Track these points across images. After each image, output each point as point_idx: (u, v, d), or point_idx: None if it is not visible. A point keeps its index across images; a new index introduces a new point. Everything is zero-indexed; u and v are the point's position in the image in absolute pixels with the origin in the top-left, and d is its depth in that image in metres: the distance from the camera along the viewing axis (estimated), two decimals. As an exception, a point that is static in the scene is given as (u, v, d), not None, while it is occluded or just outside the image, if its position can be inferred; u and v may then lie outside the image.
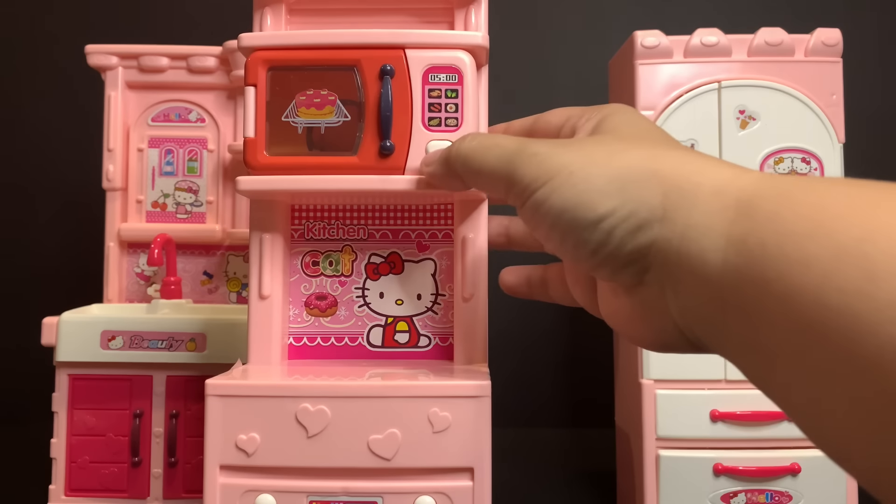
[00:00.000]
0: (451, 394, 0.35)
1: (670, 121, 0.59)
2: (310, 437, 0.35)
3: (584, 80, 0.81)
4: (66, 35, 0.83)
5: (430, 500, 0.35)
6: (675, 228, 0.27)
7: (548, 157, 0.30)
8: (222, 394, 0.35)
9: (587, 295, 0.35)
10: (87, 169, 0.71)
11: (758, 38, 0.58)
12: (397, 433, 0.35)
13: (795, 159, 0.59)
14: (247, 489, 0.35)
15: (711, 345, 0.27)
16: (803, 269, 0.22)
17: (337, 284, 0.41)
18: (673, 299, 0.28)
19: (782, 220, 0.23)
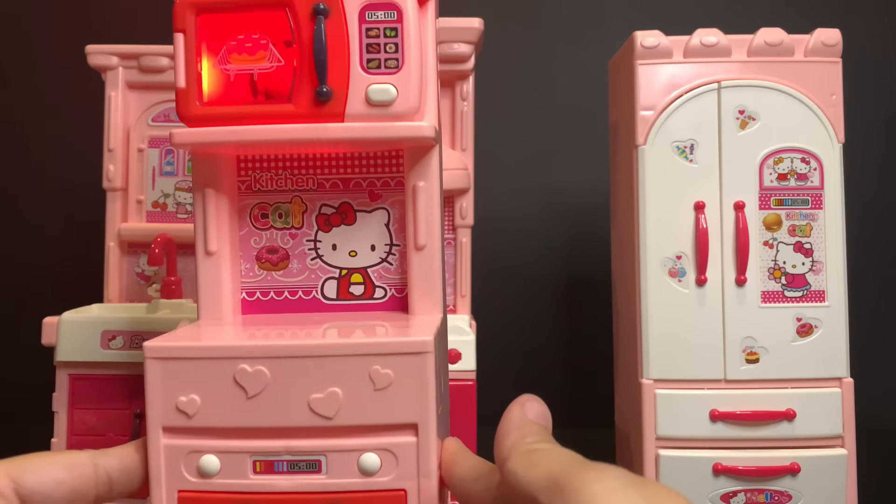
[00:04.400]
0: (393, 351, 0.34)
1: (670, 121, 0.59)
2: (249, 397, 0.34)
3: (584, 80, 0.81)
4: (66, 35, 0.83)
5: (374, 456, 0.34)
6: None
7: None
8: (160, 356, 0.34)
9: None
10: (87, 169, 0.71)
11: (757, 38, 0.58)
12: (338, 392, 0.34)
13: (795, 159, 0.59)
14: (190, 450, 0.34)
15: None
16: None
17: (288, 237, 0.40)
18: None
19: None
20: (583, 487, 0.25)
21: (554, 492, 0.26)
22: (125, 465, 0.35)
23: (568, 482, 0.26)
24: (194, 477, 0.35)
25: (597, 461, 0.32)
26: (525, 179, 0.81)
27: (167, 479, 0.35)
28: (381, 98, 0.36)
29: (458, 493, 0.34)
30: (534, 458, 0.29)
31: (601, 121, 0.72)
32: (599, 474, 0.26)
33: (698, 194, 0.59)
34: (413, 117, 0.37)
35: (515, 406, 0.32)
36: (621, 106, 0.63)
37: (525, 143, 0.82)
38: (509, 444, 0.30)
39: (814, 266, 0.59)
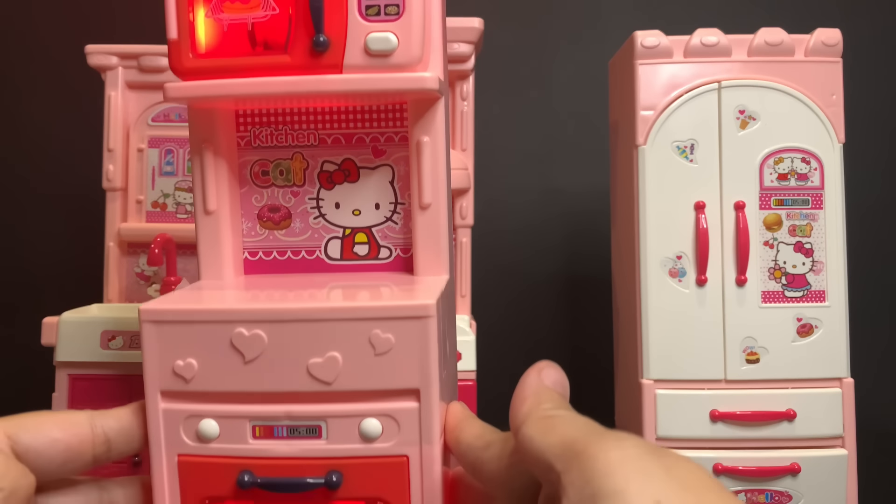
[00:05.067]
0: (393, 315, 0.33)
1: (670, 121, 0.59)
2: (247, 362, 0.33)
3: (584, 80, 0.81)
4: (66, 35, 0.83)
5: (375, 422, 0.33)
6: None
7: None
8: (156, 319, 0.33)
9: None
10: (87, 169, 0.71)
11: (758, 38, 0.58)
12: (338, 357, 0.33)
13: (795, 159, 0.59)
14: (189, 415, 0.34)
15: None
16: None
17: (289, 195, 0.38)
18: None
19: None
20: (600, 455, 0.25)
21: (570, 458, 0.26)
22: (123, 427, 0.34)
23: (585, 449, 0.26)
24: (193, 441, 0.34)
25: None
26: (525, 179, 0.81)
27: (166, 443, 0.34)
28: (380, 47, 0.34)
29: (465, 460, 0.33)
30: (550, 423, 0.28)
31: (601, 121, 0.72)
32: (618, 442, 0.25)
33: (698, 194, 0.59)
34: (415, 68, 0.35)
35: (532, 372, 0.32)
36: (621, 106, 0.64)
37: (525, 142, 0.82)
38: (525, 409, 0.30)
39: (814, 266, 0.59)
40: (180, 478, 0.34)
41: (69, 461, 0.33)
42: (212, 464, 0.34)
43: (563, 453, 0.26)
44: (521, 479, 0.31)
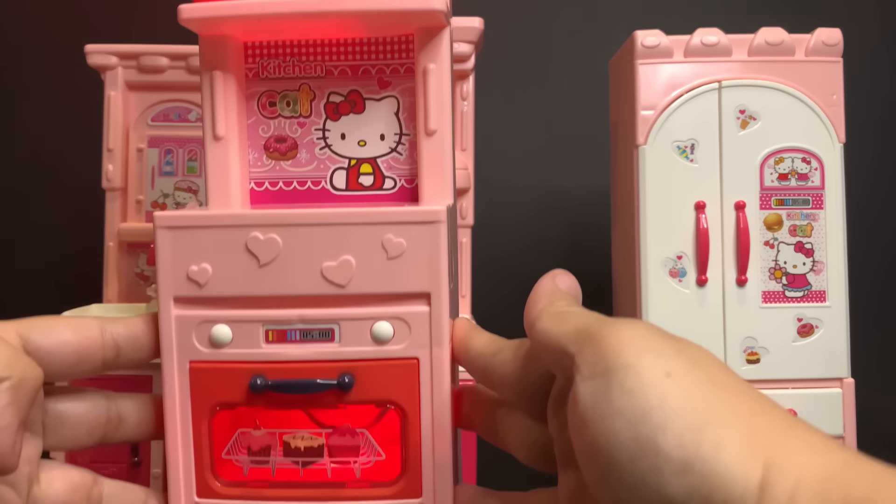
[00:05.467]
0: (406, 220, 0.34)
1: (671, 121, 0.59)
2: (261, 266, 0.34)
3: (584, 80, 0.81)
4: (66, 35, 0.83)
5: (387, 325, 0.34)
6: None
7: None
8: (171, 225, 0.34)
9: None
10: (86, 169, 0.71)
11: (758, 37, 0.58)
12: (351, 260, 0.34)
13: (796, 159, 0.59)
14: (202, 320, 0.35)
15: None
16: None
17: (296, 126, 0.39)
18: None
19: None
20: (613, 334, 0.25)
21: (583, 341, 0.26)
22: (133, 334, 0.35)
23: (598, 331, 0.26)
24: (206, 347, 0.35)
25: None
26: (525, 179, 0.81)
27: (178, 349, 0.35)
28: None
29: (476, 367, 0.34)
30: (564, 316, 0.29)
31: (601, 120, 0.72)
32: (630, 324, 0.26)
33: (699, 194, 0.59)
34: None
35: (546, 278, 0.32)
36: (622, 106, 0.64)
37: (525, 142, 0.82)
38: (539, 308, 0.30)
39: (814, 266, 0.59)
40: (191, 385, 0.35)
41: (79, 363, 0.33)
42: (224, 369, 0.35)
43: (577, 337, 0.27)
44: (533, 379, 0.32)
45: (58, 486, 0.34)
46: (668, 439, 0.22)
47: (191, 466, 0.36)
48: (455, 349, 0.35)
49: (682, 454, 0.22)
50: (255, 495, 0.36)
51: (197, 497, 0.36)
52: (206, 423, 0.36)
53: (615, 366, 0.24)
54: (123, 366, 0.35)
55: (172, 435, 0.36)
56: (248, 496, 0.36)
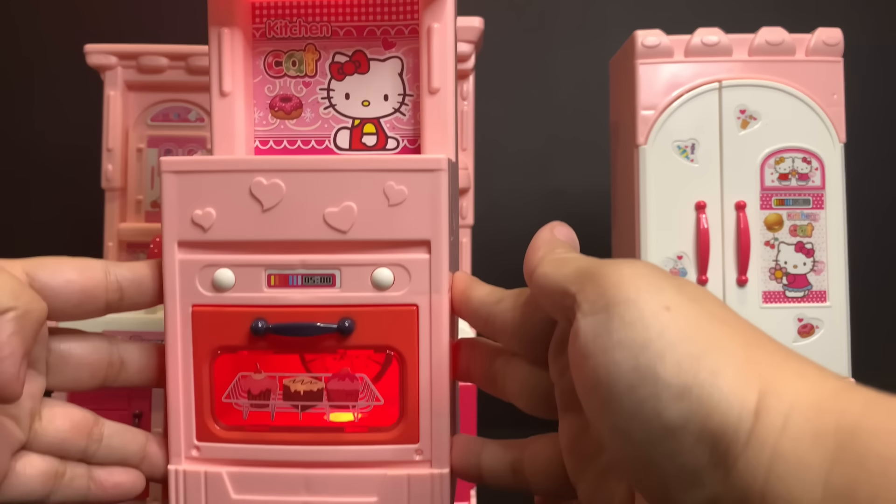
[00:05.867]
0: (407, 167, 0.35)
1: (671, 120, 0.59)
2: (265, 210, 0.35)
3: (584, 80, 0.81)
4: (66, 35, 0.83)
5: (387, 271, 0.35)
6: (763, 453, 0.21)
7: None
8: (177, 169, 0.35)
9: (600, 495, 0.30)
10: (85, 169, 0.71)
11: (759, 37, 0.59)
12: (353, 206, 0.35)
13: (796, 159, 0.59)
14: (205, 264, 0.36)
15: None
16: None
17: (301, 85, 0.40)
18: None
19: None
20: (613, 272, 0.26)
21: (584, 280, 0.27)
22: (136, 277, 0.35)
23: (599, 270, 0.27)
24: (209, 291, 0.36)
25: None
26: (525, 179, 0.81)
27: (181, 293, 0.36)
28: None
29: (477, 316, 0.35)
30: (564, 261, 0.29)
31: (601, 120, 0.72)
32: (630, 262, 0.27)
33: (699, 194, 0.59)
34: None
35: (545, 228, 0.33)
36: (622, 105, 0.64)
37: (525, 142, 0.82)
38: (539, 255, 0.31)
39: (815, 266, 0.59)
40: (194, 328, 0.36)
41: (83, 303, 0.34)
42: (226, 313, 0.36)
43: (578, 277, 0.27)
44: (534, 325, 0.33)
45: (59, 422, 0.35)
46: (667, 367, 0.23)
47: (191, 410, 0.37)
48: (455, 301, 0.36)
49: (681, 381, 0.22)
50: (254, 439, 0.37)
51: (197, 440, 0.37)
52: (208, 366, 0.36)
53: (616, 301, 0.25)
54: (127, 308, 0.36)
55: (174, 378, 0.36)
56: (248, 440, 0.37)
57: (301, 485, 0.36)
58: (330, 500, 0.36)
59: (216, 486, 0.36)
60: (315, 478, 0.36)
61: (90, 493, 0.35)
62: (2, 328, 0.29)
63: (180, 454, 0.37)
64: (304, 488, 0.36)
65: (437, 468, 0.36)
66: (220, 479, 0.36)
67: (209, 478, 0.36)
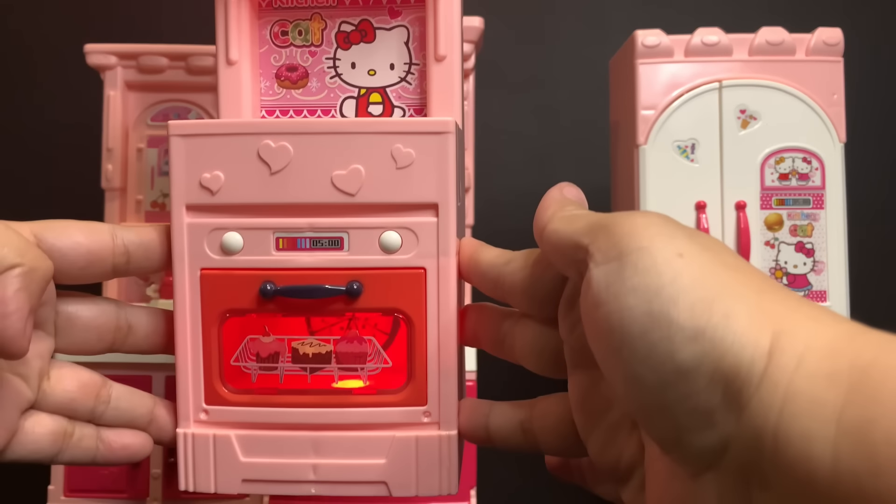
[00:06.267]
0: (415, 130, 0.35)
1: (671, 120, 0.59)
2: (273, 173, 0.35)
3: (584, 80, 0.81)
4: (66, 35, 0.83)
5: (395, 234, 0.35)
6: (777, 392, 0.21)
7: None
8: (185, 133, 0.35)
9: (610, 451, 0.31)
10: (85, 169, 0.71)
11: (759, 37, 0.59)
12: (361, 169, 0.35)
13: (796, 159, 0.59)
14: (213, 227, 0.36)
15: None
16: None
17: (307, 55, 0.40)
18: (762, 500, 0.22)
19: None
20: (626, 222, 0.26)
21: (596, 231, 0.27)
22: (143, 241, 0.35)
23: (611, 221, 0.27)
24: (217, 254, 0.36)
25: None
26: (526, 179, 0.81)
27: (190, 256, 0.36)
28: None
29: (486, 278, 0.35)
30: (575, 217, 0.30)
31: (601, 120, 0.72)
32: (642, 212, 0.27)
33: (699, 194, 0.59)
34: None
35: (554, 188, 0.34)
36: (622, 105, 0.64)
37: (525, 142, 0.82)
38: (549, 213, 0.31)
39: (815, 266, 0.59)
40: (202, 292, 0.36)
41: (89, 265, 0.34)
42: (234, 276, 0.36)
43: (590, 230, 0.28)
44: (544, 284, 0.33)
45: (67, 382, 0.35)
46: (680, 311, 0.23)
47: (199, 374, 0.37)
48: (463, 265, 0.36)
49: (694, 324, 0.23)
50: (262, 402, 0.37)
51: (205, 404, 0.37)
52: (216, 330, 0.37)
53: (629, 249, 0.25)
54: (134, 273, 0.36)
55: (182, 342, 0.37)
56: (256, 403, 0.37)
57: (309, 447, 0.36)
58: (338, 461, 0.36)
59: (225, 449, 0.37)
60: (323, 440, 0.36)
61: (99, 453, 0.36)
62: (7, 284, 0.29)
63: (189, 418, 0.37)
64: (313, 450, 0.36)
65: (444, 430, 0.36)
66: (229, 441, 0.37)
67: (218, 441, 0.37)
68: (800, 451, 0.20)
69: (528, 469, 0.73)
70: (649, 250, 0.24)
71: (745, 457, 0.22)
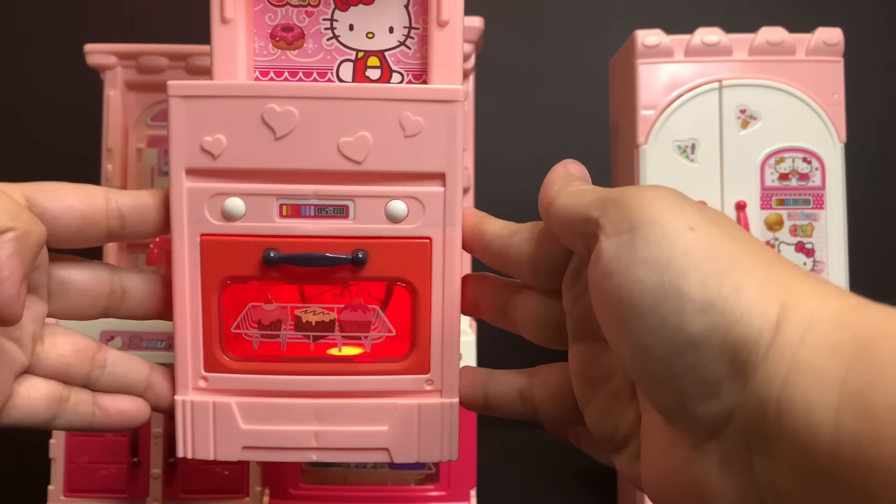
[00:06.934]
0: (424, 97, 0.34)
1: (671, 120, 0.59)
2: (277, 138, 0.34)
3: (584, 80, 0.81)
4: (66, 35, 0.83)
5: (401, 203, 0.35)
6: (782, 363, 0.22)
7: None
8: (186, 94, 0.34)
9: (607, 421, 0.31)
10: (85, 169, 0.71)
11: (759, 37, 0.59)
12: (368, 136, 0.34)
13: (797, 159, 0.59)
14: (215, 193, 0.35)
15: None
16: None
17: (304, 15, 0.38)
18: (764, 468, 0.22)
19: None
20: (637, 195, 0.26)
21: (606, 204, 0.27)
22: (139, 205, 0.34)
23: (621, 194, 0.27)
24: (218, 220, 0.35)
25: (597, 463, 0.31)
26: (526, 179, 0.80)
27: (189, 222, 0.35)
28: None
29: (491, 248, 0.35)
30: (582, 192, 0.29)
31: (602, 120, 0.72)
32: (653, 186, 0.27)
33: (699, 194, 0.59)
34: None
35: (558, 165, 0.33)
36: (622, 105, 0.64)
37: (525, 142, 0.82)
38: (555, 189, 0.31)
39: (815, 266, 0.59)
40: (202, 258, 0.35)
41: (83, 229, 0.33)
42: (236, 243, 0.35)
43: (601, 203, 0.27)
44: (551, 257, 0.33)
45: (61, 347, 0.34)
46: (692, 283, 0.23)
47: (198, 341, 0.36)
48: (466, 236, 0.36)
49: (705, 296, 0.23)
50: (263, 369, 0.36)
51: (205, 371, 0.36)
52: (216, 297, 0.36)
53: (640, 222, 0.25)
54: (129, 237, 0.35)
55: (181, 309, 0.36)
56: (257, 370, 0.36)
57: (311, 414, 0.36)
58: (340, 429, 0.36)
59: (225, 416, 0.36)
60: (325, 407, 0.36)
61: (95, 419, 0.35)
62: (1, 249, 0.29)
63: (187, 385, 0.36)
64: (315, 418, 0.36)
65: (447, 398, 0.36)
66: (230, 409, 0.36)
67: (217, 408, 0.36)
68: (803, 419, 0.20)
69: (529, 469, 0.73)
70: (660, 223, 0.24)
71: (749, 425, 0.22)
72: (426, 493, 0.53)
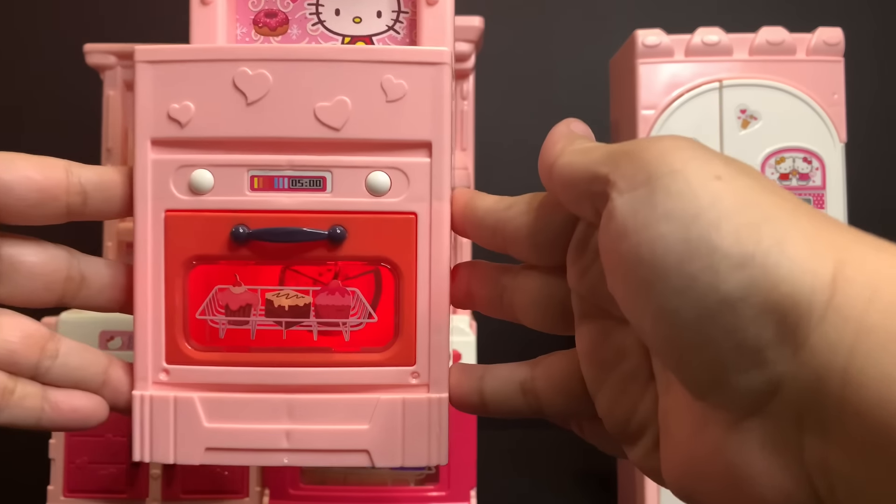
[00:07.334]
0: (407, 59, 0.32)
1: (671, 120, 0.58)
2: (249, 104, 0.31)
3: (584, 80, 0.81)
4: (66, 34, 0.83)
5: (384, 175, 0.32)
6: (846, 327, 0.19)
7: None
8: (152, 59, 0.31)
9: (621, 407, 0.28)
10: (85, 169, 0.71)
11: (759, 37, 0.58)
12: (347, 101, 0.31)
13: (797, 159, 0.58)
14: (181, 164, 0.32)
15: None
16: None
17: (288, 0, 0.36)
18: (816, 447, 0.19)
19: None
20: (652, 146, 0.23)
21: (618, 159, 0.24)
22: (102, 180, 0.31)
23: (635, 146, 0.24)
24: (184, 194, 0.32)
25: (598, 459, 0.30)
26: (526, 179, 0.80)
27: (153, 197, 0.32)
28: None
29: (484, 226, 0.31)
30: (589, 149, 0.26)
31: (602, 120, 0.72)
32: (670, 136, 0.23)
33: (700, 194, 0.59)
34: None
35: (561, 124, 0.30)
36: (622, 105, 0.63)
37: (526, 142, 0.81)
38: (558, 148, 0.28)
39: (816, 266, 0.59)
40: (167, 235, 0.32)
41: (40, 203, 0.30)
42: (203, 218, 0.32)
43: (611, 158, 0.24)
44: (552, 228, 0.29)
45: (7, 332, 0.30)
46: (724, 237, 0.20)
47: (160, 329, 0.32)
48: (457, 214, 0.32)
49: (741, 250, 0.20)
50: (231, 360, 0.33)
51: (166, 363, 0.33)
52: (181, 279, 0.32)
53: (659, 173, 0.22)
54: (91, 215, 0.31)
55: (142, 293, 0.32)
56: (224, 361, 0.33)
57: (283, 411, 0.32)
58: (315, 427, 0.32)
59: (187, 413, 0.32)
60: (299, 403, 0.32)
61: (44, 415, 0.31)
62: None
63: (147, 378, 0.32)
64: (287, 415, 0.32)
65: (434, 393, 0.32)
66: (192, 405, 0.32)
67: (179, 403, 0.32)
68: (876, 392, 0.17)
69: (529, 469, 0.73)
70: (683, 173, 0.22)
71: (802, 399, 0.19)
72: (426, 494, 0.53)
